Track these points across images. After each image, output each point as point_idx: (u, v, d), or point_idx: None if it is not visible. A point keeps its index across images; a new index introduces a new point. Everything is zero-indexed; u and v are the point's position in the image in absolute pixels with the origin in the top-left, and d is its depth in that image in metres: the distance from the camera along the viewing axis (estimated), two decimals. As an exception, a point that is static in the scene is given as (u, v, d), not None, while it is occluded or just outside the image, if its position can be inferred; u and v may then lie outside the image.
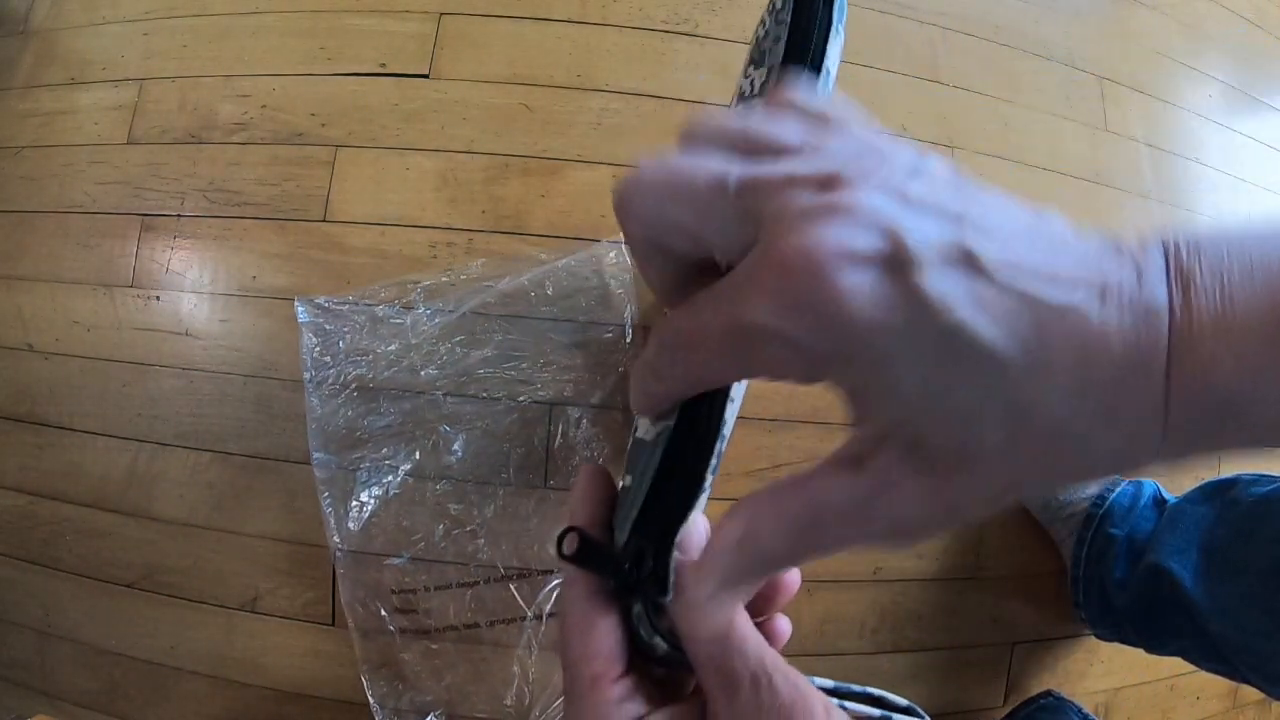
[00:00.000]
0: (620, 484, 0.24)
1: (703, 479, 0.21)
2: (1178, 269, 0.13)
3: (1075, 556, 0.59)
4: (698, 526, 0.22)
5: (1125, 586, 0.55)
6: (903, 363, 0.13)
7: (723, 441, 0.22)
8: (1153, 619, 0.54)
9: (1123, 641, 0.60)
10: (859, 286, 0.13)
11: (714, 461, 0.22)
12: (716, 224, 0.15)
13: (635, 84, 0.64)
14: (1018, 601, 0.64)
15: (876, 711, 0.23)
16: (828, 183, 0.14)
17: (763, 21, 0.28)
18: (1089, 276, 0.13)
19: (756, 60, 0.26)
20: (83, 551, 0.60)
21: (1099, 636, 0.62)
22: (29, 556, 0.61)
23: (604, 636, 0.20)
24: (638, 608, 0.21)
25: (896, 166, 0.15)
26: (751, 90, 0.25)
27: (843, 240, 0.13)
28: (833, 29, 0.23)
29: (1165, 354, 0.12)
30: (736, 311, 0.14)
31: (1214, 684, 0.71)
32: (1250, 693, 0.73)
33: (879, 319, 0.13)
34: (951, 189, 0.14)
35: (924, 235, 0.13)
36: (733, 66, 0.65)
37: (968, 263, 0.13)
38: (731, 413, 0.23)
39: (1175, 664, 0.56)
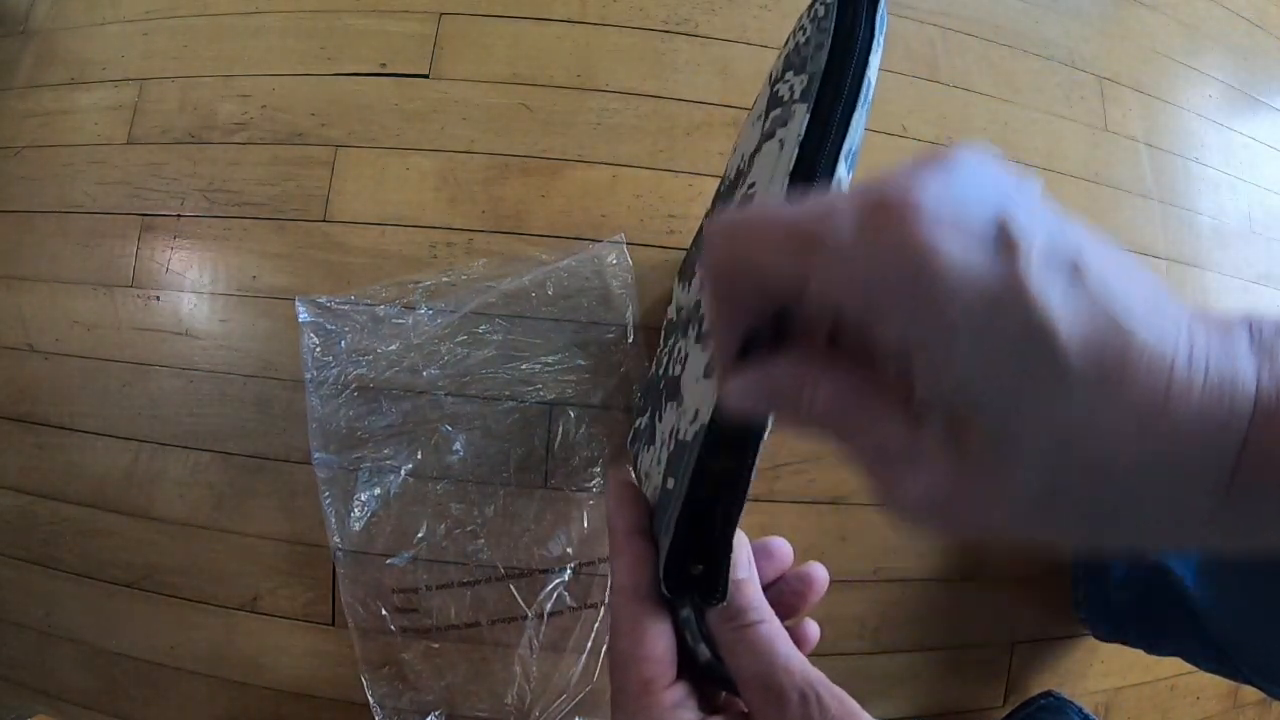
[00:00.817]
0: (663, 486, 0.24)
1: (746, 479, 0.21)
2: (1260, 344, 0.13)
3: (1075, 556, 0.59)
4: (739, 540, 0.22)
5: (1125, 586, 0.55)
6: (971, 340, 0.13)
7: (763, 442, 0.22)
8: (1153, 618, 0.54)
9: (1123, 642, 0.60)
10: (956, 246, 0.12)
11: (755, 461, 0.22)
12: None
13: (635, 84, 0.64)
14: (1018, 601, 0.64)
15: None
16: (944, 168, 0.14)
17: (802, 28, 0.27)
18: (1179, 331, 0.13)
19: (796, 66, 0.26)
20: (83, 551, 0.60)
21: (1099, 637, 0.62)
22: (29, 556, 0.61)
23: (656, 640, 0.20)
24: (686, 611, 0.21)
25: (1004, 178, 0.14)
26: (792, 95, 0.25)
27: (955, 205, 0.13)
28: (875, 40, 0.23)
29: (1247, 420, 0.12)
30: (818, 212, 0.14)
31: (1214, 684, 0.70)
32: (1250, 693, 0.73)
33: (965, 287, 0.12)
34: (1054, 209, 0.14)
35: (1035, 230, 0.13)
36: (733, 66, 0.65)
37: (1072, 270, 0.13)
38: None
39: (1175, 664, 0.56)
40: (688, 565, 0.21)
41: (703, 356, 0.24)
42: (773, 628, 0.20)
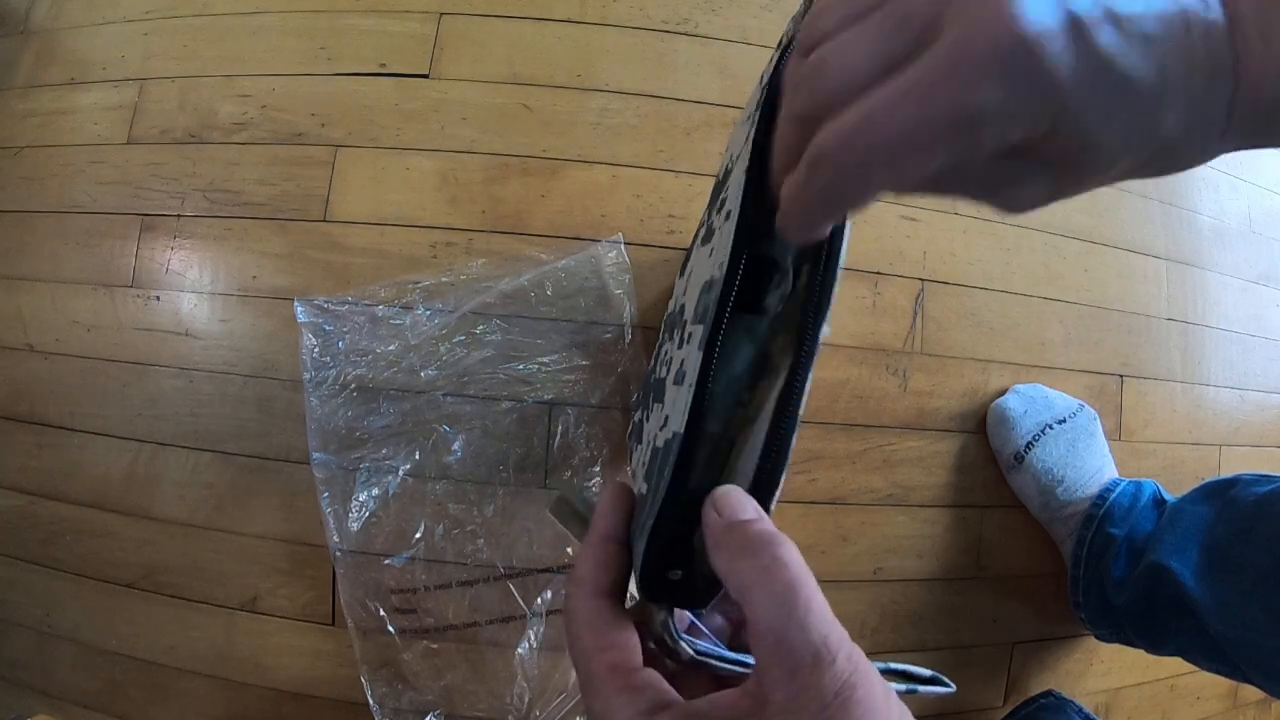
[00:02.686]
0: (637, 491, 0.24)
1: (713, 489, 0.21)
2: None
3: (1075, 556, 0.59)
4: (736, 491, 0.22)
5: (1125, 586, 0.55)
6: (1089, 106, 0.16)
7: (755, 454, 0.22)
8: (1153, 618, 0.54)
9: (1123, 642, 0.60)
10: (1062, 56, 0.15)
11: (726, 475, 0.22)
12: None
13: (635, 84, 0.64)
14: (1018, 601, 0.64)
15: (903, 686, 0.24)
16: None
17: (789, 32, 0.27)
18: (1175, 14, 0.16)
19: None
20: (83, 551, 0.60)
21: (1099, 637, 0.62)
22: (29, 556, 0.61)
23: (619, 630, 0.20)
24: (663, 615, 0.21)
25: None
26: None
27: (1038, 16, 0.15)
28: None
29: (1230, 58, 0.16)
30: (958, 99, 0.16)
31: (1214, 684, 0.70)
32: (1250, 693, 0.73)
33: (1078, 79, 0.16)
34: None
35: (1083, 3, 0.16)
36: (733, 66, 0.65)
37: (1113, 20, 0.16)
38: (762, 426, 0.23)
39: (1175, 664, 0.56)
40: (665, 571, 0.21)
41: (679, 357, 0.24)
42: (794, 561, 0.18)
